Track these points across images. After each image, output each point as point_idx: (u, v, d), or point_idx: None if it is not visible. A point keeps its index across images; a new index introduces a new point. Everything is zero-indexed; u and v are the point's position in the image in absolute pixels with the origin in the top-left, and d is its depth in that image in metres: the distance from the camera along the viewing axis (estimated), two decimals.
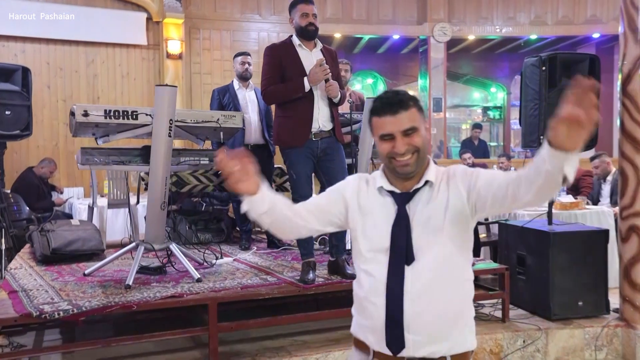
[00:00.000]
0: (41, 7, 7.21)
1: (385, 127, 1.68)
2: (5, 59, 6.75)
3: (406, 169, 1.69)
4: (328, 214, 1.81)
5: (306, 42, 3.66)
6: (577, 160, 1.40)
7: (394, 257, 1.67)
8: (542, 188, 1.49)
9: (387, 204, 1.73)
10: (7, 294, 3.38)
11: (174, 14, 7.82)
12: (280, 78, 3.58)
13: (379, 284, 1.68)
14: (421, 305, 1.66)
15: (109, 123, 3.43)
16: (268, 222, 1.75)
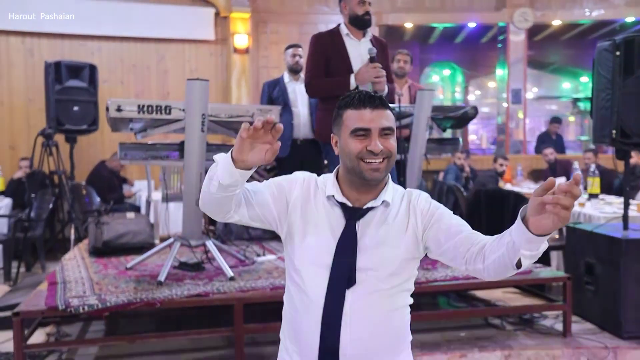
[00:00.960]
0: (115, 6, 7.47)
1: (362, 120, 1.49)
2: (83, 57, 7.05)
3: (375, 175, 1.49)
4: (264, 212, 1.56)
5: (356, 31, 3.47)
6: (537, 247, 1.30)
7: (335, 277, 1.49)
8: (495, 262, 1.39)
9: (335, 216, 1.53)
10: (47, 285, 3.47)
11: (241, 8, 7.84)
12: (324, 70, 3.43)
13: (314, 306, 1.49)
14: (360, 333, 1.48)
15: (142, 118, 3.42)
16: (212, 191, 1.45)
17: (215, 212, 1.53)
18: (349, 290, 1.48)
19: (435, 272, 3.71)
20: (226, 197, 1.46)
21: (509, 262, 1.35)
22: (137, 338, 3.15)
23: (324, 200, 1.55)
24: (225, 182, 1.41)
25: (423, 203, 1.56)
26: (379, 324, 1.51)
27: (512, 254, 1.33)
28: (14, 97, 7.19)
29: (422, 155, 4.44)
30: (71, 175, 6.04)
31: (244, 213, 1.54)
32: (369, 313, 1.50)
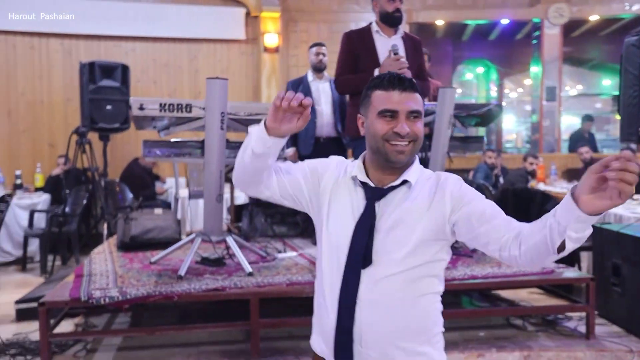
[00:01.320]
0: (149, 7, 7.65)
1: (391, 101, 1.48)
2: (118, 57, 7.26)
3: (400, 157, 1.48)
4: (295, 191, 1.59)
5: (386, 28, 3.48)
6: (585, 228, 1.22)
7: (352, 257, 1.49)
8: (535, 247, 1.31)
9: (357, 196, 1.54)
10: (73, 277, 3.61)
11: (271, 7, 7.91)
12: (353, 67, 3.46)
13: (332, 288, 1.51)
14: (375, 315, 1.46)
15: (164, 116, 3.51)
16: (246, 160, 1.50)
17: (247, 184, 1.57)
18: (364, 271, 1.46)
19: (455, 271, 3.69)
20: (258, 167, 1.51)
21: (551, 246, 1.27)
22: (156, 330, 3.24)
23: (349, 181, 1.56)
24: (258, 150, 1.47)
25: (453, 184, 1.50)
26: (397, 309, 1.46)
27: (557, 236, 1.24)
28: (53, 97, 7.46)
29: (445, 153, 4.39)
30: (104, 172, 6.23)
31: (275, 189, 1.58)
32: (386, 296, 1.46)
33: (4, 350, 3.38)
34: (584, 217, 1.19)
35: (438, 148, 4.36)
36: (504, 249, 1.38)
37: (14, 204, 5.96)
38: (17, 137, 7.37)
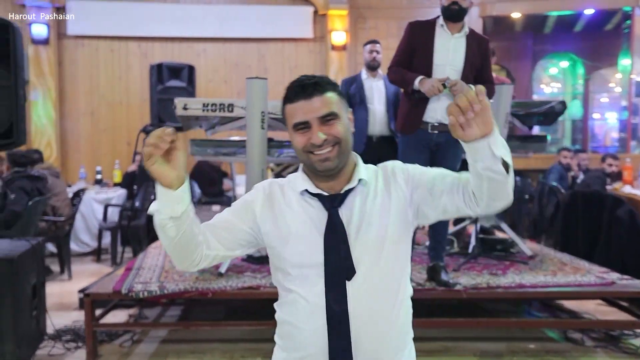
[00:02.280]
0: (219, 8, 7.88)
1: (299, 113, 1.41)
2: (190, 58, 7.54)
3: (326, 164, 1.41)
4: (237, 234, 1.48)
5: (451, 24, 3.36)
6: (500, 140, 1.29)
7: (331, 272, 1.40)
8: (491, 189, 1.34)
9: (314, 209, 1.46)
10: (123, 270, 3.77)
11: (339, 5, 7.88)
12: (408, 59, 3.39)
13: (314, 307, 1.41)
14: (367, 328, 1.40)
15: (207, 116, 3.58)
16: (172, 234, 1.36)
17: (190, 257, 1.43)
18: (349, 282, 1.40)
19: (502, 278, 3.50)
20: (188, 231, 1.37)
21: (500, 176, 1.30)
22: (191, 325, 3.33)
23: (297, 197, 1.48)
24: (176, 213, 1.34)
25: (399, 170, 1.49)
26: (386, 319, 1.42)
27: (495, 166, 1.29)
28: (130, 97, 7.86)
29: None
30: None
31: (218, 245, 1.46)
32: (374, 305, 1.41)
33: (59, 336, 3.60)
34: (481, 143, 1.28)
35: None
36: (464, 203, 1.41)
37: (91, 198, 6.33)
38: (98, 135, 7.84)
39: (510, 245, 4.19)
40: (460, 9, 3.34)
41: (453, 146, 3.42)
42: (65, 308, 4.33)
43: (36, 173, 4.80)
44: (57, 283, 5.18)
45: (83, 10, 7.58)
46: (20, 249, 3.22)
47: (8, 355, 3.07)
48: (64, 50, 7.71)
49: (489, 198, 1.36)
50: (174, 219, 1.34)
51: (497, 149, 1.28)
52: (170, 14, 7.75)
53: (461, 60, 3.36)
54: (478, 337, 3.61)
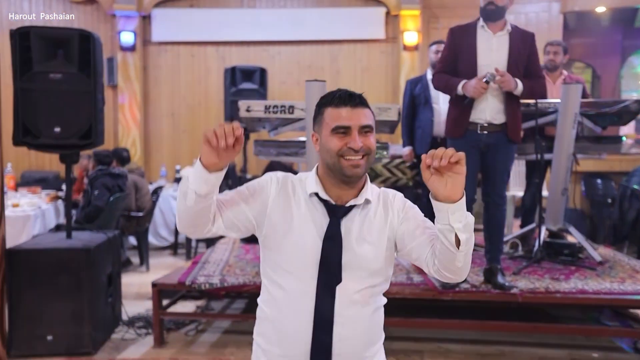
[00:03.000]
0: (293, 12, 8.07)
1: (343, 118, 1.51)
2: (265, 61, 7.79)
3: (355, 171, 1.51)
4: (239, 218, 1.53)
5: (491, 23, 3.34)
6: (463, 215, 1.38)
7: (325, 274, 1.50)
8: (442, 254, 1.43)
9: (319, 214, 1.54)
10: (190, 263, 4.00)
11: (411, 5, 7.84)
12: (451, 64, 3.39)
13: (303, 306, 1.50)
14: (349, 331, 1.51)
15: (269, 117, 3.72)
16: (190, 205, 1.43)
17: (194, 227, 1.51)
18: (337, 287, 1.50)
19: (564, 283, 3.39)
20: (204, 208, 1.45)
21: (451, 245, 1.39)
22: (249, 317, 3.47)
23: (305, 198, 1.55)
24: (202, 191, 1.41)
25: (398, 202, 1.59)
26: (365, 322, 1.54)
27: (448, 234, 1.39)
28: (209, 99, 8.23)
29: (570, 155, 4.04)
30: (243, 168, 6.74)
31: (220, 223, 1.52)
32: (356, 310, 1.52)
33: (132, 323, 3.88)
34: (443, 205, 1.37)
35: (561, 149, 4.03)
36: (429, 264, 1.49)
37: (169, 195, 6.71)
38: (178, 136, 8.27)
39: (578, 250, 4.03)
40: (497, 8, 3.30)
41: (504, 146, 3.36)
42: (141, 297, 4.64)
43: (117, 171, 5.16)
44: (137, 274, 5.54)
45: (166, 18, 8.03)
46: (97, 241, 3.51)
47: (85, 337, 3.36)
48: (149, 56, 8.19)
49: (440, 263, 1.46)
50: (197, 193, 1.42)
51: (454, 220, 1.37)
52: (247, 19, 8.04)
53: (504, 59, 3.32)
54: (538, 343, 3.52)
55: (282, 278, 1.54)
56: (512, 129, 3.37)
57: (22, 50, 3.27)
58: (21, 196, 5.60)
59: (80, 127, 3.37)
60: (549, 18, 7.99)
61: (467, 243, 1.39)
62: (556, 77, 4.54)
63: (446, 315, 3.51)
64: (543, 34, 7.87)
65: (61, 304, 3.31)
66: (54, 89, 3.32)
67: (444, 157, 1.32)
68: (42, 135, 3.36)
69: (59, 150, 3.46)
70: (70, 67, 3.35)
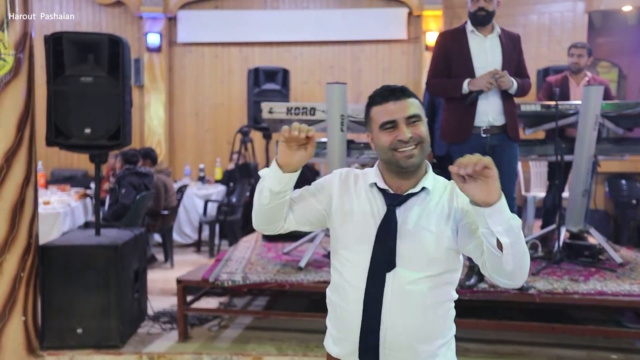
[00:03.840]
0: (316, 13, 8.15)
1: (387, 113, 1.57)
2: (288, 62, 7.88)
3: (411, 161, 1.55)
4: (310, 212, 1.66)
5: (480, 27, 3.38)
6: (504, 218, 1.37)
7: (376, 261, 1.56)
8: (489, 259, 1.44)
9: (377, 203, 1.61)
10: (214, 260, 4.10)
11: (434, 5, 7.85)
12: (444, 69, 3.41)
13: (355, 290, 1.57)
14: (400, 318, 1.54)
15: (291, 119, 3.80)
16: (265, 202, 1.58)
17: (269, 224, 1.65)
18: (389, 274, 1.53)
19: (582, 285, 3.40)
20: (278, 205, 1.58)
21: (494, 249, 1.40)
22: (270, 314, 3.58)
23: (366, 188, 1.62)
24: (276, 189, 1.55)
25: (463, 197, 1.54)
26: (420, 313, 1.54)
27: (490, 237, 1.40)
28: (232, 99, 8.35)
29: (591, 156, 4.04)
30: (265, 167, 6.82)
31: (292, 220, 1.65)
32: (410, 300, 1.53)
33: (158, 318, 4.00)
34: (482, 210, 1.37)
35: (583, 151, 4.03)
36: (482, 267, 1.51)
37: (193, 194, 6.85)
38: (202, 135, 8.41)
39: (598, 252, 4.03)
40: (488, 13, 3.33)
41: (508, 146, 3.39)
42: (166, 293, 4.76)
43: (143, 170, 5.30)
44: (161, 270, 5.68)
45: (191, 20, 8.17)
46: (124, 238, 3.63)
47: (113, 331, 3.49)
48: (174, 57, 8.35)
49: (490, 268, 1.46)
50: (271, 191, 1.57)
51: (493, 222, 1.37)
52: (269, 20, 8.15)
53: (499, 60, 3.35)
54: (556, 344, 3.54)
55: (341, 264, 1.62)
56: (511, 128, 3.39)
57: (56, 55, 3.40)
58: (51, 194, 5.79)
59: (109, 128, 3.50)
60: (573, 17, 7.92)
61: (511, 247, 1.38)
62: (580, 79, 4.54)
63: (464, 315, 3.54)
64: (568, 34, 7.84)
65: (90, 299, 3.44)
66: (85, 92, 3.45)
67: (468, 165, 1.33)
68: (73, 136, 3.49)
69: (89, 150, 3.59)
70: (100, 70, 3.47)
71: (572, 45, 4.65)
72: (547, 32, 7.79)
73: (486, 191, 1.35)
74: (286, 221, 1.66)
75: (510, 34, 3.45)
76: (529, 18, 7.84)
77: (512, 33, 3.48)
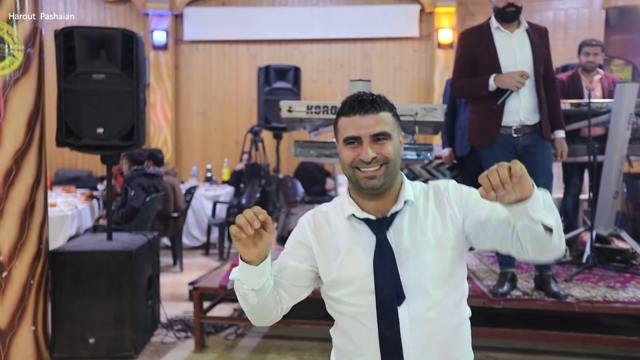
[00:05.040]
0: (326, 10, 7.99)
1: (352, 128, 1.41)
2: (296, 60, 7.72)
3: (372, 182, 1.40)
4: (299, 278, 1.48)
5: (506, 23, 3.21)
6: (540, 203, 1.28)
7: (382, 298, 1.39)
8: (534, 244, 1.33)
9: (362, 234, 1.44)
10: (229, 266, 3.94)
11: (446, 2, 7.69)
12: (470, 69, 3.25)
13: (370, 334, 1.40)
14: (421, 354, 1.38)
15: (310, 118, 3.64)
16: (253, 303, 1.40)
17: (268, 317, 1.49)
18: (401, 308, 1.39)
19: (621, 292, 3.24)
20: (267, 299, 1.42)
21: (540, 235, 1.30)
22: (291, 323, 3.40)
23: (344, 223, 1.47)
24: (258, 286, 1.38)
25: (453, 191, 1.47)
26: (443, 341, 1.41)
27: (534, 226, 1.29)
28: (240, 98, 8.19)
29: (623, 157, 3.88)
30: (277, 168, 6.67)
31: (285, 297, 1.48)
32: (431, 329, 1.40)
33: (171, 326, 3.84)
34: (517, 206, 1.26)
35: (614, 151, 3.87)
36: (513, 247, 1.37)
37: (201, 195, 6.68)
38: (209, 135, 8.25)
39: (631, 257, 3.87)
40: (517, 9, 3.17)
41: (542, 146, 3.23)
42: (177, 299, 4.61)
43: (152, 171, 5.14)
44: (170, 275, 5.52)
45: (198, 17, 8.01)
46: (138, 243, 3.47)
47: (127, 340, 3.32)
48: (181, 55, 8.19)
49: (534, 252, 1.34)
50: (255, 290, 1.38)
51: (535, 212, 1.27)
52: (278, 17, 7.99)
53: (529, 55, 3.19)
54: (591, 354, 3.38)
55: (347, 309, 1.46)
56: (545, 127, 3.24)
57: (66, 51, 3.24)
58: (57, 195, 5.62)
59: (122, 127, 3.34)
60: (590, 14, 7.77)
61: (557, 225, 1.30)
62: (592, 77, 4.37)
63: (494, 323, 3.39)
64: (584, 30, 7.68)
65: (103, 307, 3.28)
66: (97, 90, 3.29)
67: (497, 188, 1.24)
68: (85, 136, 3.33)
69: (102, 151, 3.43)
70: (113, 67, 3.31)
71: (585, 43, 4.45)
72: (563, 28, 7.63)
73: (520, 190, 1.25)
74: (282, 302, 1.47)
75: (537, 27, 3.28)
76: (544, 15, 7.67)
77: (539, 26, 3.31)
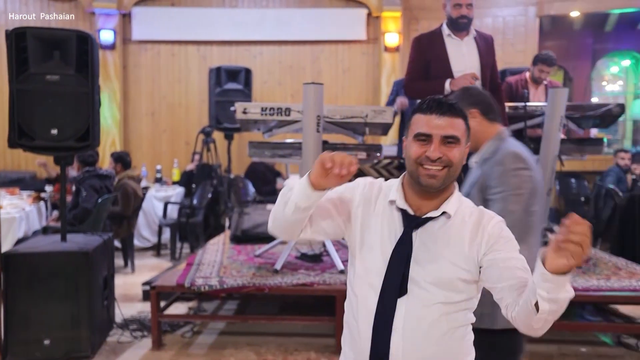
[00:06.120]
0: (276, 12, 8.08)
1: (426, 125, 1.46)
2: (247, 61, 7.77)
3: (432, 181, 1.45)
4: (329, 224, 1.55)
5: (457, 32, 3.43)
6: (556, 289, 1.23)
7: (387, 284, 1.47)
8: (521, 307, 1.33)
9: (394, 222, 1.51)
10: (185, 265, 3.99)
11: (392, 7, 7.93)
12: (423, 72, 3.45)
13: (367, 311, 1.49)
14: (411, 344, 1.46)
15: (265, 119, 3.75)
16: (288, 214, 1.46)
17: (286, 234, 1.56)
18: (401, 300, 1.45)
19: None
20: (300, 219, 1.48)
21: (530, 305, 1.28)
22: (248, 318, 3.52)
23: (385, 204, 1.53)
24: (303, 205, 1.43)
25: (493, 228, 1.47)
26: (434, 339, 1.46)
27: (531, 294, 1.27)
28: (189, 99, 8.18)
29: (555, 156, 4.17)
30: (228, 168, 6.72)
31: (307, 229, 1.54)
32: (422, 326, 1.45)
33: (127, 325, 3.86)
34: (549, 276, 1.21)
35: (548, 150, 4.15)
36: (507, 308, 1.39)
37: (151, 196, 6.65)
38: (158, 135, 8.19)
39: None
40: (469, 20, 3.44)
41: None
42: (130, 299, 4.61)
43: (104, 172, 5.11)
44: (122, 276, 5.49)
45: (147, 17, 7.94)
46: (93, 244, 3.48)
47: (83, 341, 3.34)
48: (129, 55, 8.09)
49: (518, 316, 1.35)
50: (297, 206, 1.44)
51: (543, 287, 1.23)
52: (228, 18, 8.02)
53: (477, 62, 3.44)
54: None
55: (356, 283, 1.53)
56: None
57: (18, 51, 3.22)
58: (2, 198, 5.49)
59: (77, 129, 3.34)
60: (525, 22, 8.19)
61: (548, 313, 1.26)
62: (539, 83, 4.68)
63: None
64: (520, 37, 8.11)
65: (59, 308, 3.28)
66: (51, 91, 3.28)
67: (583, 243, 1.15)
68: (38, 137, 3.32)
69: (56, 152, 3.41)
70: (67, 68, 3.31)
71: (544, 61, 4.67)
72: (501, 34, 8.00)
73: (565, 265, 1.19)
74: (304, 232, 1.55)
75: (484, 36, 3.52)
76: (483, 21, 8.03)
77: (485, 35, 3.56)
